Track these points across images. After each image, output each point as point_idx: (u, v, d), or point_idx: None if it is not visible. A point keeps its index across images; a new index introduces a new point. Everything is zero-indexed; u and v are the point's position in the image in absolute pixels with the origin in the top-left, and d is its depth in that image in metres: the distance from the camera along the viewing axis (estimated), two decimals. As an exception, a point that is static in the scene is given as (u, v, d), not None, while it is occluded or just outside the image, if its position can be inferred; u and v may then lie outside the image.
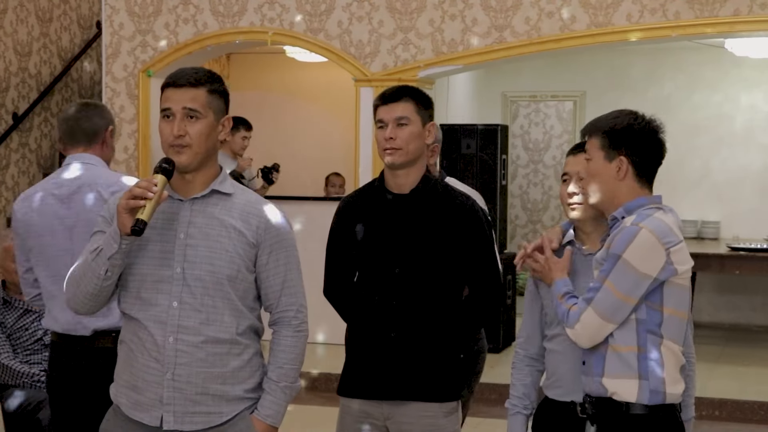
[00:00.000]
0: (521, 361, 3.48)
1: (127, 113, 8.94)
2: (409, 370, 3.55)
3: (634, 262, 2.99)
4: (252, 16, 8.59)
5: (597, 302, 3.04)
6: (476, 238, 3.60)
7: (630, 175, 3.12)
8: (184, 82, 2.96)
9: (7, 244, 4.88)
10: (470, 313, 3.64)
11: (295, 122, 10.83)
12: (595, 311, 3.04)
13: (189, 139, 2.93)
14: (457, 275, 3.60)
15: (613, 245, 3.03)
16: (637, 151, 3.12)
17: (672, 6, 7.63)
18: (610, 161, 3.12)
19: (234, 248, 2.97)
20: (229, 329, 2.98)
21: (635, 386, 3.04)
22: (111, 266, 2.89)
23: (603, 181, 3.14)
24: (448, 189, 3.68)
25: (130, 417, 3.00)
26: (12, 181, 10.13)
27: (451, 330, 3.61)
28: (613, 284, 3.01)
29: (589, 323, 3.05)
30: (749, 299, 10.17)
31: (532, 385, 3.46)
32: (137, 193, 2.82)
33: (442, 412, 3.58)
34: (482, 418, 6.89)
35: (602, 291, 3.03)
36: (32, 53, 10.34)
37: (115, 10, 8.92)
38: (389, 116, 3.59)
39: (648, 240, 3.00)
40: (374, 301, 3.59)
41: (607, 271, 3.03)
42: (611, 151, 3.12)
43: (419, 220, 3.57)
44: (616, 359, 3.06)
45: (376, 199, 3.66)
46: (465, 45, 8.12)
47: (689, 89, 10.48)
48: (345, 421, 3.67)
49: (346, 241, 3.65)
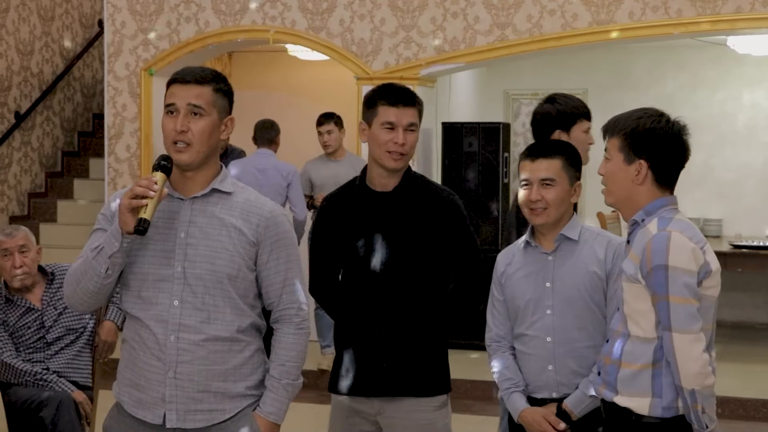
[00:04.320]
0: (496, 350, 3.57)
1: (129, 112, 8.94)
2: (400, 367, 3.57)
3: (681, 265, 2.91)
4: (254, 14, 8.59)
5: (677, 324, 2.91)
6: (459, 231, 3.62)
7: (649, 179, 3.03)
8: (191, 78, 2.97)
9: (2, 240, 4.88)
10: (457, 305, 3.68)
11: (297, 120, 10.83)
12: (684, 335, 2.91)
13: (191, 135, 2.94)
14: (443, 269, 3.62)
15: (653, 259, 2.93)
16: (658, 156, 3.02)
17: (674, 4, 7.62)
18: (629, 164, 3.03)
19: (234, 247, 2.97)
20: (230, 327, 2.98)
21: (647, 403, 2.98)
22: (112, 264, 2.89)
23: (621, 183, 3.06)
24: (429, 184, 3.69)
25: (133, 415, 3.01)
26: (14, 179, 10.14)
27: (438, 323, 3.63)
28: (677, 295, 2.91)
29: (683, 348, 2.90)
30: (752, 297, 10.16)
31: (514, 366, 3.51)
32: (139, 192, 2.82)
33: (433, 406, 3.61)
34: (484, 416, 6.89)
35: (673, 309, 2.91)
36: (34, 52, 10.35)
37: (117, 9, 8.92)
38: (403, 120, 3.55)
39: (682, 241, 2.93)
40: (362, 298, 3.59)
41: (663, 285, 2.92)
42: (631, 154, 3.03)
43: (405, 217, 3.58)
44: (629, 378, 3.00)
45: (360, 197, 3.64)
46: (467, 43, 8.12)
47: (691, 87, 10.47)
48: (336, 416, 3.70)
49: (331, 239, 3.63)
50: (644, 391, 2.98)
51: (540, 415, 3.40)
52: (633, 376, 3.00)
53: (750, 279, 9.98)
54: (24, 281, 4.82)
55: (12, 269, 4.80)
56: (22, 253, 4.82)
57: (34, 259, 4.86)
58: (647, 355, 2.98)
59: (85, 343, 4.89)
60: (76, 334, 4.87)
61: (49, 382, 4.69)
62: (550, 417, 3.38)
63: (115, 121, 8.98)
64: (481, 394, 7.44)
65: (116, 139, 8.98)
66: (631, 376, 3.00)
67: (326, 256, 3.68)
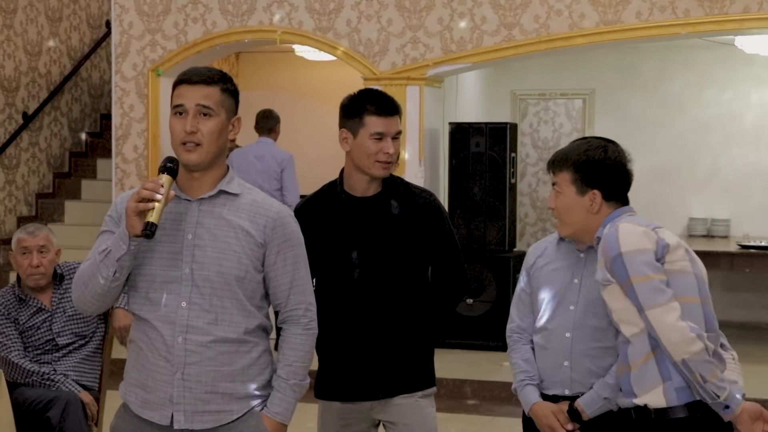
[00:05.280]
0: (517, 342, 3.55)
1: (137, 112, 8.96)
2: (388, 369, 3.60)
3: (633, 247, 3.02)
4: (261, 14, 8.60)
5: (645, 301, 3.00)
6: (441, 231, 3.66)
7: (603, 206, 3.20)
8: (199, 79, 2.97)
9: (21, 237, 4.89)
10: (439, 303, 3.71)
11: (304, 121, 10.84)
12: (654, 309, 2.99)
13: (200, 136, 2.94)
14: (425, 270, 3.66)
15: (606, 254, 3.06)
16: (609, 184, 3.19)
17: (681, 3, 7.61)
18: (582, 195, 3.21)
19: (242, 248, 2.97)
20: (237, 328, 2.98)
21: (661, 391, 3.03)
22: (119, 267, 2.89)
23: (576, 214, 3.23)
24: (409, 187, 3.70)
25: (140, 416, 3.01)
26: (22, 180, 10.16)
27: (422, 323, 3.66)
28: (637, 275, 3.00)
29: (658, 322, 2.98)
30: (759, 297, 10.14)
31: (532, 359, 3.51)
32: (146, 195, 2.82)
33: (424, 397, 3.66)
34: (492, 416, 6.89)
35: (637, 289, 3.00)
36: (42, 53, 10.37)
37: (125, 10, 8.93)
38: (391, 130, 3.57)
39: (630, 228, 3.07)
40: (346, 304, 3.59)
41: (624, 272, 3.02)
42: (584, 186, 3.19)
43: (387, 221, 3.59)
44: (640, 375, 3.06)
45: (340, 203, 3.63)
46: (474, 43, 8.12)
47: (699, 87, 10.45)
48: (326, 419, 3.72)
49: (310, 246, 3.40)
50: (655, 381, 3.03)
51: (550, 410, 3.40)
52: (642, 370, 3.05)
53: (758, 279, 9.95)
54: (39, 281, 4.83)
55: (29, 268, 4.82)
56: (41, 253, 4.83)
57: (51, 261, 4.87)
58: (645, 345, 3.04)
59: (95, 348, 4.89)
60: (86, 340, 4.87)
61: (56, 383, 4.70)
62: (560, 414, 3.37)
63: (123, 122, 8.99)
64: (488, 394, 7.43)
65: (123, 139, 9.00)
66: (640, 372, 3.06)
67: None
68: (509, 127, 8.59)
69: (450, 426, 6.27)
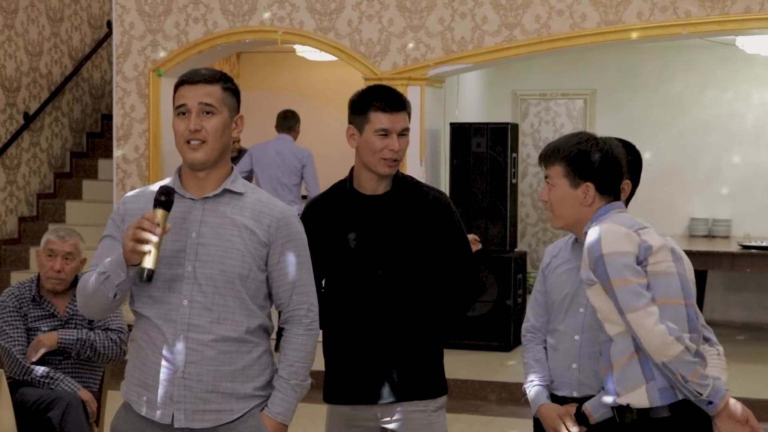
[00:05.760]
0: (530, 341, 3.55)
1: (138, 113, 8.96)
2: (400, 372, 3.55)
3: (614, 249, 3.04)
4: (262, 15, 8.60)
5: (625, 305, 3.02)
6: (451, 230, 3.60)
7: (596, 198, 3.21)
8: (200, 78, 2.99)
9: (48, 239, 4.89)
10: (451, 305, 3.66)
11: (305, 121, 10.83)
12: (633, 312, 3.01)
13: (205, 133, 2.95)
14: (436, 271, 3.59)
15: (590, 254, 3.08)
16: (601, 176, 3.20)
17: (682, 4, 7.61)
18: (575, 188, 3.21)
19: (246, 247, 2.98)
20: (239, 327, 2.99)
21: (644, 390, 3.05)
22: (119, 290, 2.92)
23: (569, 207, 3.23)
24: (419, 185, 3.65)
25: (141, 414, 3.01)
26: (23, 180, 10.16)
27: (434, 325, 3.62)
28: (617, 277, 3.03)
29: (638, 326, 3.01)
30: (761, 297, 10.14)
31: (544, 359, 3.51)
32: (141, 237, 2.80)
33: (432, 407, 3.61)
34: (492, 416, 6.88)
35: (617, 291, 3.03)
36: (43, 53, 10.37)
37: (126, 10, 8.94)
38: (397, 126, 3.51)
39: (613, 228, 3.08)
40: (355, 304, 3.54)
41: (605, 274, 3.04)
42: (576, 178, 3.20)
43: (397, 220, 3.54)
44: (622, 375, 3.08)
45: (350, 201, 3.59)
46: (475, 43, 8.12)
47: (700, 87, 10.45)
48: (334, 423, 3.67)
49: (320, 245, 3.45)
50: (638, 381, 3.06)
51: (556, 412, 3.39)
52: (624, 370, 3.07)
53: (759, 279, 9.96)
54: (56, 286, 4.85)
55: (50, 271, 4.82)
56: (66, 259, 4.84)
57: (74, 269, 4.88)
58: (628, 344, 3.06)
59: None
60: None
61: (56, 380, 4.70)
62: (566, 417, 3.36)
63: (124, 122, 8.99)
64: (488, 394, 7.43)
65: (124, 139, 9.00)
66: (623, 372, 3.08)
67: (314, 263, 3.62)
68: (510, 127, 8.59)
69: (450, 426, 6.23)
